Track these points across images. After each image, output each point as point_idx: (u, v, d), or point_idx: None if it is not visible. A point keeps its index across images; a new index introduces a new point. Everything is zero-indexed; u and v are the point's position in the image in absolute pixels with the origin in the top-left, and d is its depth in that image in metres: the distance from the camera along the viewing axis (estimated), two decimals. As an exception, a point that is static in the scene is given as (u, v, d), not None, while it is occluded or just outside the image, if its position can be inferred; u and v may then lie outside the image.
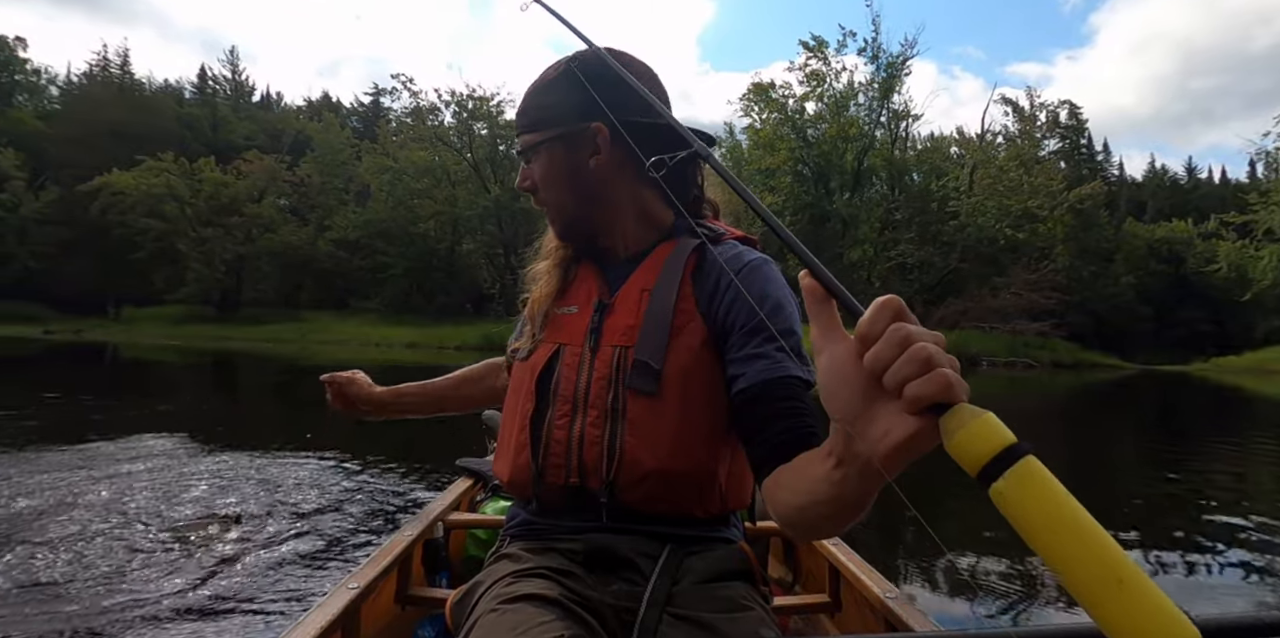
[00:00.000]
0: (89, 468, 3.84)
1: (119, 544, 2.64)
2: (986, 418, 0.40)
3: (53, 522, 2.87)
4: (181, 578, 2.35)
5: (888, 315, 0.45)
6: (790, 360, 0.80)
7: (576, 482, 0.88)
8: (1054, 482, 0.38)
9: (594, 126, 0.89)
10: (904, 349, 0.43)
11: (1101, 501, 4.25)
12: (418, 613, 1.38)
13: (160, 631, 1.99)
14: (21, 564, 2.41)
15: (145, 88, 45.60)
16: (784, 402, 0.77)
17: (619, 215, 0.95)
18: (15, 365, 13.20)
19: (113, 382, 10.88)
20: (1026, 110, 37.37)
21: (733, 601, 0.82)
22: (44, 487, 3.41)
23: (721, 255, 0.89)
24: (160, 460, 4.14)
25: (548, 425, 0.90)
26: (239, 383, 12.38)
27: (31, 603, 2.12)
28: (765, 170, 33.79)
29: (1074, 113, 42.48)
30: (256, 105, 53.77)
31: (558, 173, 0.93)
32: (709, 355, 0.86)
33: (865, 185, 33.38)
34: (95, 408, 6.59)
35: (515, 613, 0.76)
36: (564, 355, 0.92)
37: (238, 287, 32.23)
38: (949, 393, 0.42)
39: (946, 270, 29.73)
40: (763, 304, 0.84)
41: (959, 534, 3.64)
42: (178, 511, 3.12)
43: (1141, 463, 6.19)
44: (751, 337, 0.83)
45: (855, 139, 32.74)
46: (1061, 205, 30.20)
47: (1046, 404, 12.84)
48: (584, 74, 0.89)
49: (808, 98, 33.83)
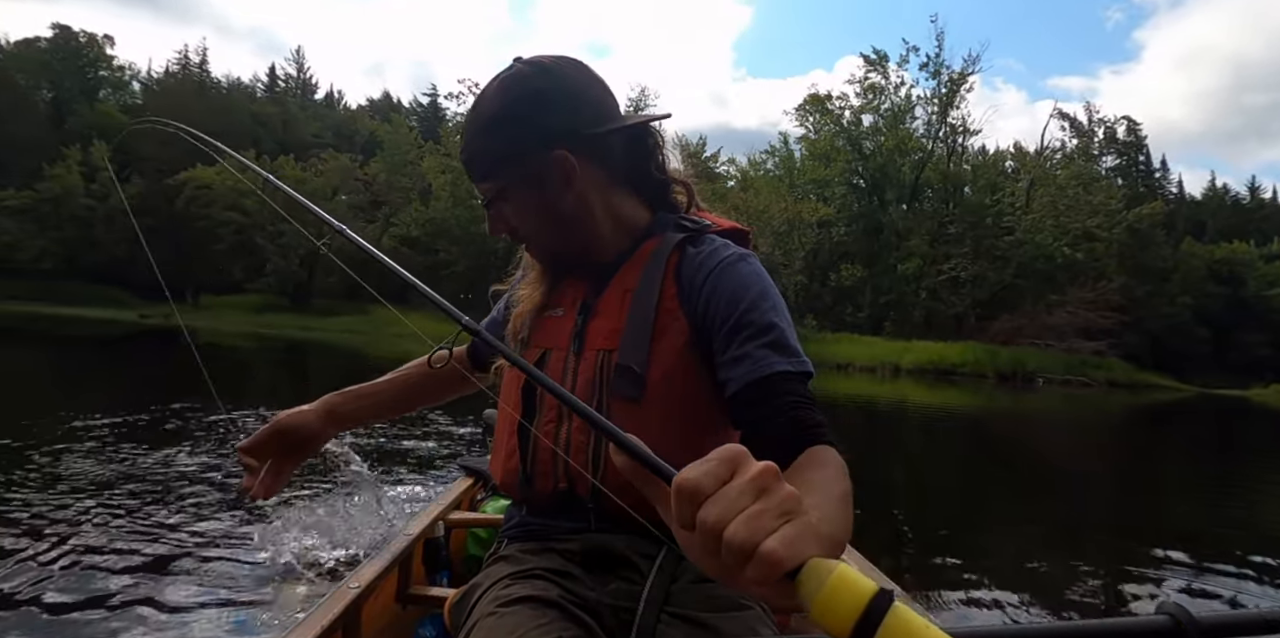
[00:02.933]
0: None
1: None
2: (840, 572, 0.37)
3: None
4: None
5: (688, 506, 0.41)
6: (774, 355, 0.78)
7: (565, 487, 0.88)
8: (931, 627, 0.35)
9: (555, 155, 0.84)
10: (717, 544, 0.40)
11: (1150, 525, 4.35)
12: (418, 612, 1.38)
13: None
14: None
15: (221, 86, 47.69)
16: (772, 401, 0.76)
17: (596, 228, 0.92)
18: (129, 344, 14.49)
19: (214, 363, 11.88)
20: (1084, 125, 37.18)
21: (730, 599, 0.82)
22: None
23: (700, 252, 0.88)
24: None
25: (535, 432, 0.90)
26: (342, 371, 13.31)
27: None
28: (818, 181, 34.18)
29: (1133, 129, 41.96)
30: (321, 104, 55.76)
31: (534, 212, 0.89)
32: (693, 356, 0.85)
33: (920, 198, 33.57)
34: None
35: (513, 616, 0.76)
36: (549, 361, 0.91)
37: (309, 279, 33.74)
38: (787, 564, 0.38)
39: (1000, 286, 29.77)
40: (740, 301, 0.82)
41: (959, 534, 3.76)
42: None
43: (1194, 489, 6.14)
44: (733, 337, 0.81)
45: (912, 152, 32.96)
46: (1120, 225, 30.02)
47: (1104, 423, 13.02)
48: (524, 99, 0.84)
49: (864, 110, 34.13)
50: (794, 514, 0.40)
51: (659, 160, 0.96)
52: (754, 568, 0.38)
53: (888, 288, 30.91)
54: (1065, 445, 9.36)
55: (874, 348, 25.22)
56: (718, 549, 0.40)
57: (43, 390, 6.85)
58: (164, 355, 12.01)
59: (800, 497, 0.41)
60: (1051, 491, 5.58)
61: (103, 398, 5.94)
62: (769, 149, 38.79)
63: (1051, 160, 33.85)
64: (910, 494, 5.09)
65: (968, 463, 7.26)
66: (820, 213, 30.35)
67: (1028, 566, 3.29)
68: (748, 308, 0.81)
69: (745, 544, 0.38)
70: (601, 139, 0.86)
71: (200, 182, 32.23)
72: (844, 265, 31.31)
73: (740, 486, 0.40)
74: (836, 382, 18.50)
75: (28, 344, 13.18)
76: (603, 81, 0.89)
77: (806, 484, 0.59)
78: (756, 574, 0.38)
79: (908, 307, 30.55)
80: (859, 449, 7.46)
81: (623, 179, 0.92)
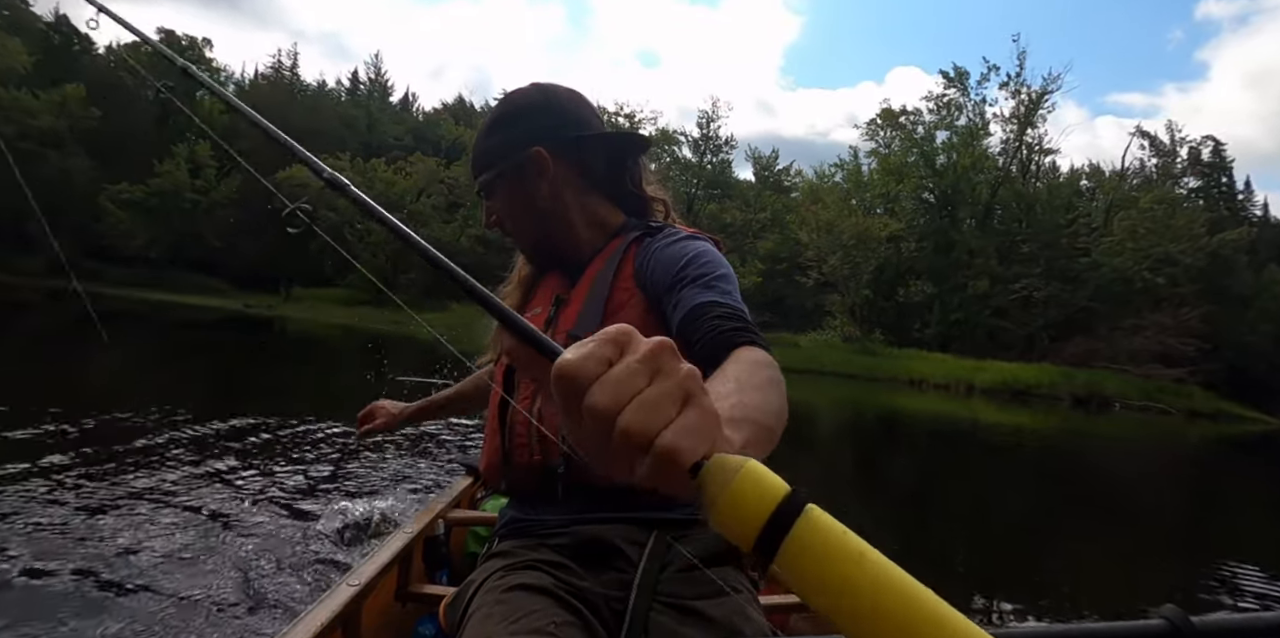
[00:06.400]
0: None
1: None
2: (747, 470, 0.32)
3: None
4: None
5: (570, 391, 0.34)
6: (708, 292, 0.81)
7: (539, 459, 0.93)
8: (848, 533, 0.31)
9: (534, 151, 0.97)
10: (607, 432, 0.33)
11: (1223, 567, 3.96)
12: (418, 610, 1.39)
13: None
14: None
15: (310, 89, 50.10)
16: (700, 324, 0.77)
17: (572, 225, 1.01)
18: (255, 330, 15.81)
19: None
20: (1165, 145, 36.37)
21: (718, 585, 0.83)
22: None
23: (656, 238, 0.96)
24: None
25: (512, 410, 0.97)
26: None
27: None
28: (886, 194, 34.27)
29: (1218, 150, 40.75)
30: (398, 106, 57.94)
31: (516, 201, 1.01)
32: (654, 322, 0.89)
33: (992, 216, 33.40)
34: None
35: (508, 604, 0.78)
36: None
37: (394, 275, 35.43)
38: (688, 458, 0.33)
39: (1075, 308, 29.45)
40: (679, 260, 0.89)
41: (960, 533, 3.87)
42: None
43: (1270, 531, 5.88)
44: (674, 288, 0.86)
45: (987, 170, 32.82)
46: (1203, 250, 29.41)
47: (1186, 453, 12.84)
48: (515, 108, 1.01)
49: (939, 126, 34.14)
50: (694, 398, 0.35)
51: (635, 176, 1.07)
52: (651, 464, 0.33)
53: (957, 306, 30.87)
54: (1143, 473, 9.31)
55: (946, 365, 25.27)
56: (609, 441, 0.34)
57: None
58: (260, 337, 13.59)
59: (699, 375, 0.36)
60: (1121, 517, 5.47)
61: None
62: (838, 162, 39.07)
63: (1130, 183, 33.29)
64: (976, 511, 5.09)
65: (1039, 485, 7.16)
66: (890, 228, 30.53)
67: (987, 562, 3.32)
68: (686, 264, 0.88)
69: (639, 436, 0.33)
70: (575, 142, 0.99)
71: (297, 180, 34.24)
72: (911, 282, 31.40)
73: (630, 365, 0.34)
74: (912, 398, 18.82)
75: (180, 329, 14.86)
76: (591, 105, 1.05)
77: (720, 375, 0.57)
78: (653, 471, 0.33)
79: (975, 325, 30.46)
80: (932, 467, 7.78)
81: (601, 184, 1.04)
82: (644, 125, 37.84)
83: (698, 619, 0.79)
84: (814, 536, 0.30)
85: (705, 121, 39.06)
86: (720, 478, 0.32)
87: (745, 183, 42.34)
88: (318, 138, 38.01)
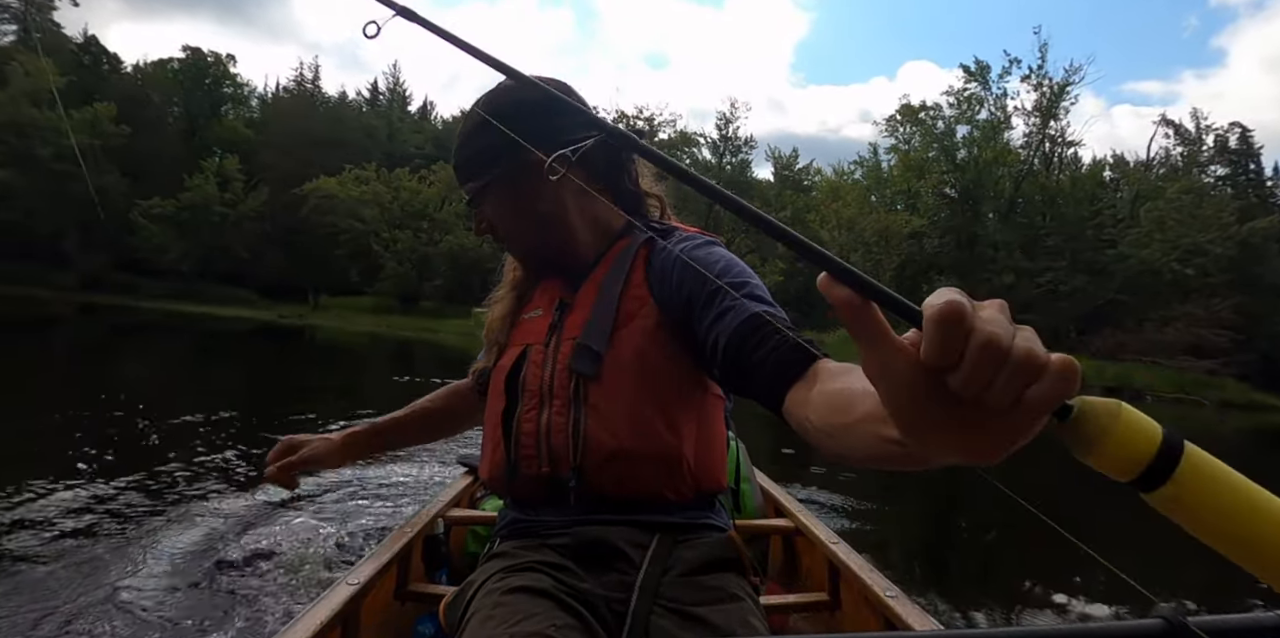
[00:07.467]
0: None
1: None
2: (1125, 415, 0.33)
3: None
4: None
5: (958, 330, 0.32)
6: (754, 303, 0.79)
7: (548, 470, 0.91)
8: (1226, 470, 0.33)
9: (535, 155, 0.83)
10: (1000, 365, 0.32)
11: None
12: (417, 609, 1.39)
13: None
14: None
15: (331, 101, 50.96)
16: (763, 331, 0.74)
17: (572, 230, 0.97)
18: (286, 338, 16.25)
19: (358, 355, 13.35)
20: (1190, 133, 35.76)
21: (722, 591, 0.83)
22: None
23: (669, 243, 0.93)
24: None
25: (518, 420, 0.93)
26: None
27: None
28: (907, 191, 34.09)
29: (1245, 137, 39.97)
30: (416, 115, 58.71)
31: (509, 207, 0.97)
32: (665, 336, 0.88)
33: (1016, 209, 33.09)
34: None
35: (508, 606, 0.78)
36: (530, 354, 0.96)
37: (419, 283, 35.99)
38: (1070, 393, 0.33)
39: (1102, 300, 29.09)
40: (712, 270, 0.85)
41: (960, 533, 3.76)
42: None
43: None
44: (713, 300, 0.83)
45: (1010, 164, 32.51)
46: (1233, 239, 28.90)
47: (1224, 445, 12.63)
48: (500, 110, 0.90)
49: (959, 121, 33.87)
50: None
51: (633, 174, 1.03)
52: (1042, 396, 0.32)
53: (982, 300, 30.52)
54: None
55: (972, 360, 25.01)
56: (989, 376, 0.32)
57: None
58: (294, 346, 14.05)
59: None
60: (1151, 511, 5.38)
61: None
62: (857, 159, 38.91)
63: (1156, 173, 32.80)
64: (998, 506, 4.83)
65: (1063, 481, 6.71)
66: (912, 225, 30.37)
67: (987, 561, 3.21)
68: (721, 272, 0.86)
69: (1038, 356, 0.32)
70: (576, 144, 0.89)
71: (323, 191, 34.86)
72: (935, 277, 31.19)
73: (994, 309, 0.34)
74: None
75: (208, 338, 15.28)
76: (582, 99, 0.96)
77: (855, 373, 0.56)
78: (1042, 405, 0.32)
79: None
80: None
81: (600, 184, 0.97)
82: (664, 128, 37.96)
83: (699, 625, 0.79)
84: (1198, 469, 0.33)
85: (724, 123, 39.12)
86: (1103, 417, 0.34)
87: (764, 182, 42.33)
88: (342, 149, 38.74)
